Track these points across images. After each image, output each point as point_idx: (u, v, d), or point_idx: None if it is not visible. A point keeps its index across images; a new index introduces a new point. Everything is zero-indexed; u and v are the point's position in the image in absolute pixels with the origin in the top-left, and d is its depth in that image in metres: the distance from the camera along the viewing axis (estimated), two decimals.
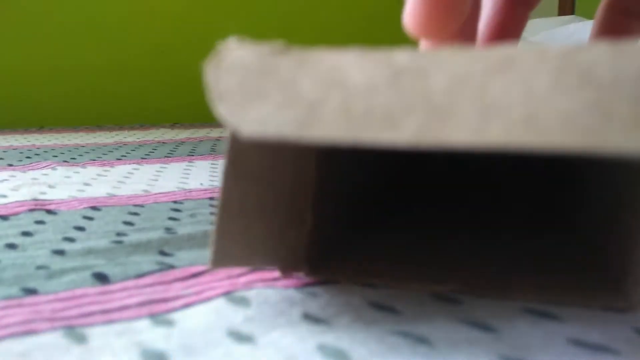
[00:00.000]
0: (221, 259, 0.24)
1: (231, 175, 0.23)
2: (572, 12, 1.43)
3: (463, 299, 0.27)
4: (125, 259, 0.34)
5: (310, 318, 0.25)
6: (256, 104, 0.18)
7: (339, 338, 0.23)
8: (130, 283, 0.30)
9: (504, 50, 0.16)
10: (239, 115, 0.18)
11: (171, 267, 0.32)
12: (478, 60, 0.16)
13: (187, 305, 0.27)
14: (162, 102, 1.49)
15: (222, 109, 0.18)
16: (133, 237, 0.39)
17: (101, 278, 0.31)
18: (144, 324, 0.25)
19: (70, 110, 1.42)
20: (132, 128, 1.33)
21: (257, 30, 1.58)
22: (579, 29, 1.02)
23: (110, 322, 0.25)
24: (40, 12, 1.38)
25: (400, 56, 0.17)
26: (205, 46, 1.51)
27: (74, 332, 0.24)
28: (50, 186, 0.60)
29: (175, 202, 0.52)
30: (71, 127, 1.38)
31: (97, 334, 0.24)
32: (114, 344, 0.23)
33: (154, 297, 0.28)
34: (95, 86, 1.44)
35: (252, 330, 0.24)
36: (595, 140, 0.14)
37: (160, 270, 0.32)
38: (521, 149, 0.16)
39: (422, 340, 0.23)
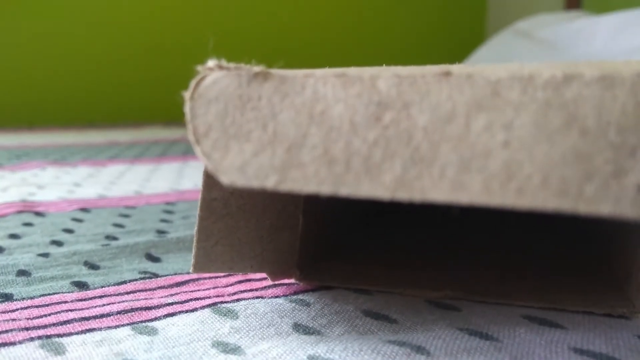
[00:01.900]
0: (204, 263, 0.23)
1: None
2: (578, 6, 1.40)
3: (461, 305, 0.26)
4: (110, 263, 0.33)
5: (301, 328, 0.24)
6: (235, 144, 0.17)
7: (331, 349, 0.22)
8: (111, 290, 0.29)
9: (492, 77, 0.15)
10: (218, 158, 0.17)
11: (154, 275, 0.31)
12: (463, 91, 0.15)
13: (170, 315, 0.26)
14: (156, 100, 1.48)
15: (202, 148, 0.17)
16: (121, 241, 0.38)
17: (80, 285, 0.30)
18: (124, 333, 0.24)
19: (61, 108, 1.41)
20: (124, 126, 1.32)
21: (252, 27, 1.57)
22: (587, 26, 1.00)
23: (89, 330, 0.24)
24: (30, 9, 1.37)
25: (384, 85, 0.16)
26: (199, 44, 1.50)
27: (51, 342, 0.23)
28: (40, 187, 0.59)
29: (167, 203, 0.51)
30: (62, 125, 1.37)
31: (75, 344, 0.23)
32: (92, 353, 0.22)
33: (135, 305, 0.27)
34: (87, 83, 1.42)
35: (239, 341, 0.23)
36: (572, 203, 0.14)
37: (142, 278, 0.31)
38: (499, 207, 0.15)
39: (419, 350, 0.22)
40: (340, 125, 0.16)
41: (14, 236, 0.39)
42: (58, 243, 0.38)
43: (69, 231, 0.41)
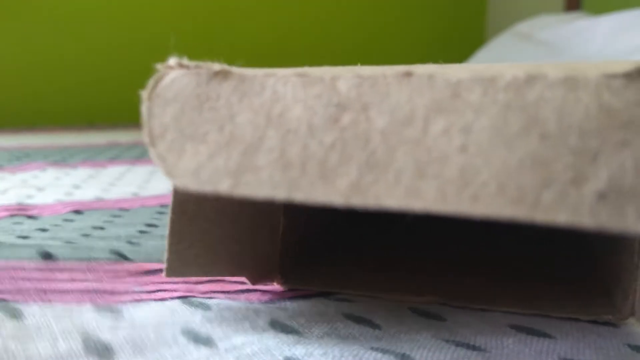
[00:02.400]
0: (178, 267, 0.22)
1: None
2: (578, 8, 1.39)
3: (445, 314, 0.26)
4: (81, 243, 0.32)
5: (278, 325, 0.23)
6: (191, 146, 0.17)
7: (310, 352, 0.21)
8: (74, 265, 0.28)
9: (452, 78, 0.14)
10: (172, 161, 0.17)
11: (124, 257, 0.30)
12: (423, 92, 0.14)
13: (137, 301, 0.25)
14: None
15: (156, 150, 0.17)
16: (106, 231, 0.38)
17: (45, 255, 0.28)
18: (86, 310, 0.23)
19: (61, 108, 1.41)
20: (125, 127, 1.32)
21: (251, 28, 1.57)
22: (586, 27, 0.99)
23: (48, 302, 0.23)
24: (30, 10, 1.37)
25: (344, 85, 0.15)
26: (200, 44, 1.50)
27: (7, 306, 0.22)
28: (39, 189, 0.59)
29: (162, 205, 0.51)
30: (62, 126, 1.37)
31: (33, 312, 0.22)
32: (52, 325, 0.21)
33: (99, 287, 0.26)
34: (88, 84, 1.42)
35: (211, 331, 0.22)
36: (528, 211, 0.13)
37: (109, 258, 0.29)
38: (454, 215, 0.14)
39: (404, 358, 0.21)
40: (297, 128, 0.15)
41: None
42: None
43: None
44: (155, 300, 0.25)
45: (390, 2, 1.68)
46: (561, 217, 0.12)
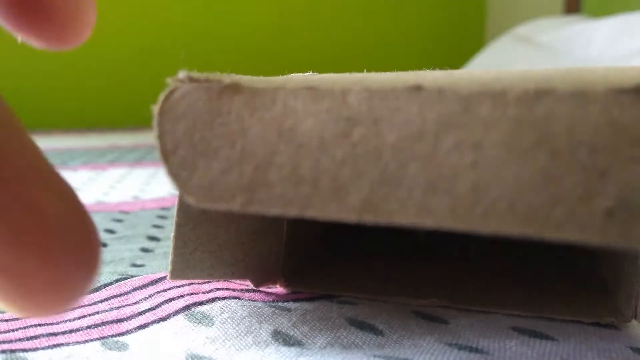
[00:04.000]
0: (182, 270, 0.22)
1: None
2: (578, 11, 1.39)
3: (448, 317, 0.26)
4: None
5: (280, 337, 0.23)
6: (203, 163, 0.16)
7: None
8: (84, 299, 0.28)
9: (463, 91, 0.14)
10: (185, 177, 0.17)
11: (130, 276, 0.30)
12: (433, 107, 0.14)
13: (142, 327, 0.25)
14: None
15: (169, 166, 0.17)
16: (109, 250, 0.37)
17: None
18: (93, 349, 0.23)
19: (62, 111, 1.41)
20: (125, 130, 1.32)
21: (253, 30, 1.57)
22: (586, 30, 0.99)
23: (56, 346, 0.23)
24: None
25: (354, 99, 0.15)
26: (199, 46, 1.50)
27: (15, 357, 0.22)
28: None
29: (162, 208, 0.51)
30: (63, 128, 1.37)
31: (40, 359, 0.22)
32: None
33: (107, 317, 0.26)
34: (88, 87, 1.43)
35: (214, 353, 0.22)
36: (538, 229, 0.13)
37: (117, 280, 0.30)
38: (465, 232, 0.14)
39: None
40: (309, 142, 0.15)
41: None
42: None
43: None
44: (159, 320, 0.25)
45: (391, 5, 1.68)
46: (570, 234, 0.12)
